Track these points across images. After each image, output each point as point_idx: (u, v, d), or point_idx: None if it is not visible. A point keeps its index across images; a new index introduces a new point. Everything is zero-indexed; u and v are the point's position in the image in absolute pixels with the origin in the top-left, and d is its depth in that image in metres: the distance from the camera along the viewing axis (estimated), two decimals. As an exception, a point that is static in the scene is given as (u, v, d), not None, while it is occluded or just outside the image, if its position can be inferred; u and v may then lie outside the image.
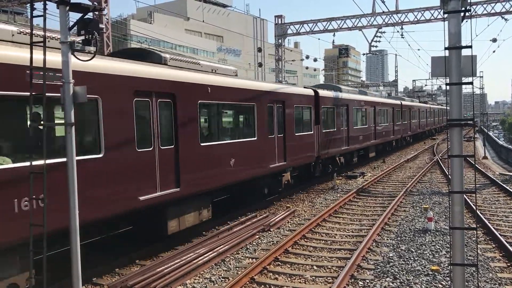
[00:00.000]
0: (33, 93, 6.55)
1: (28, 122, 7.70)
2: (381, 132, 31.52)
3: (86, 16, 7.19)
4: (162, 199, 10.56)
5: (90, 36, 7.09)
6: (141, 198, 9.87)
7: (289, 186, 18.61)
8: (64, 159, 6.96)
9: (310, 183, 21.41)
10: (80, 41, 7.10)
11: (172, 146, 11.00)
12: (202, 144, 12.13)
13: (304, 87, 20.71)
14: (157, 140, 10.44)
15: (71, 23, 7.06)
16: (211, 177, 12.57)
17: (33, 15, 6.79)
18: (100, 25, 7.54)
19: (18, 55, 7.51)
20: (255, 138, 15.01)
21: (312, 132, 19.80)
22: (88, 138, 8.94)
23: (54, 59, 7.57)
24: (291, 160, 17.64)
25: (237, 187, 14.70)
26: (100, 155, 8.88)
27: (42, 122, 7.19)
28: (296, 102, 18.30)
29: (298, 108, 18.57)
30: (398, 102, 37.97)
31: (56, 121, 8.31)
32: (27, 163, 6.80)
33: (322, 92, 21.41)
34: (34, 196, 6.93)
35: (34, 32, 7.00)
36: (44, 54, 6.54)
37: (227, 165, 13.31)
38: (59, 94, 6.73)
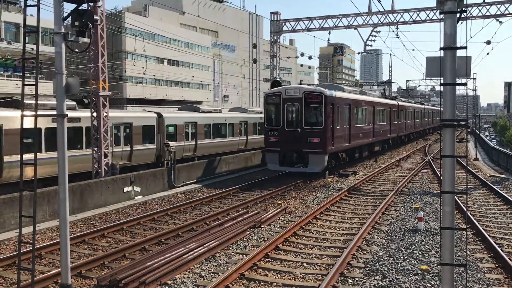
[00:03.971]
0: (25, 84, 6.49)
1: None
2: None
3: (81, 7, 7.12)
4: (346, 147, 25.27)
5: (84, 27, 7.02)
6: (344, 145, 24.62)
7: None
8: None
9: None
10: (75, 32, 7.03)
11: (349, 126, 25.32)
12: (355, 126, 26.49)
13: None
14: (347, 122, 24.78)
15: (65, 14, 6.99)
16: (360, 140, 28.08)
17: (27, 4, 6.72)
18: (95, 17, 7.47)
19: None
20: (377, 124, 31.91)
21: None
22: (345, 123, 23.65)
23: None
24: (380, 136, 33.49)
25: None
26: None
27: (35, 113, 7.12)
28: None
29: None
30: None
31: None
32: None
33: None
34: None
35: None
36: (37, 44, 6.47)
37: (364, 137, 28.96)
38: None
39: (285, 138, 22.25)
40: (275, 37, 31.01)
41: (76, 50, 7.14)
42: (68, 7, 7.17)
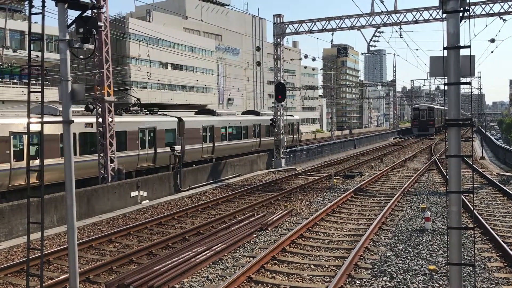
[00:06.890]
0: (31, 91, 6.53)
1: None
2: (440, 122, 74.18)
3: (85, 14, 7.16)
4: (436, 127, 70.29)
5: (88, 33, 7.06)
6: (435, 126, 70.55)
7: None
8: None
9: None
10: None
11: (436, 119, 71.50)
12: (437, 118, 71.65)
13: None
14: (437, 117, 70.97)
15: (69, 21, 7.04)
16: (439, 125, 73.31)
17: (32, 12, 6.77)
18: (99, 23, 7.52)
19: None
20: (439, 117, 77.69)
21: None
22: (436, 117, 70.80)
23: None
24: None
25: None
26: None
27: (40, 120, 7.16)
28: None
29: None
30: (442, 107, 75.91)
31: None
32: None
33: (436, 107, 72.98)
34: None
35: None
36: (43, 51, 6.52)
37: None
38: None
39: (420, 123, 68.91)
40: (278, 40, 31.00)
41: (81, 56, 7.18)
42: (73, 14, 7.22)
